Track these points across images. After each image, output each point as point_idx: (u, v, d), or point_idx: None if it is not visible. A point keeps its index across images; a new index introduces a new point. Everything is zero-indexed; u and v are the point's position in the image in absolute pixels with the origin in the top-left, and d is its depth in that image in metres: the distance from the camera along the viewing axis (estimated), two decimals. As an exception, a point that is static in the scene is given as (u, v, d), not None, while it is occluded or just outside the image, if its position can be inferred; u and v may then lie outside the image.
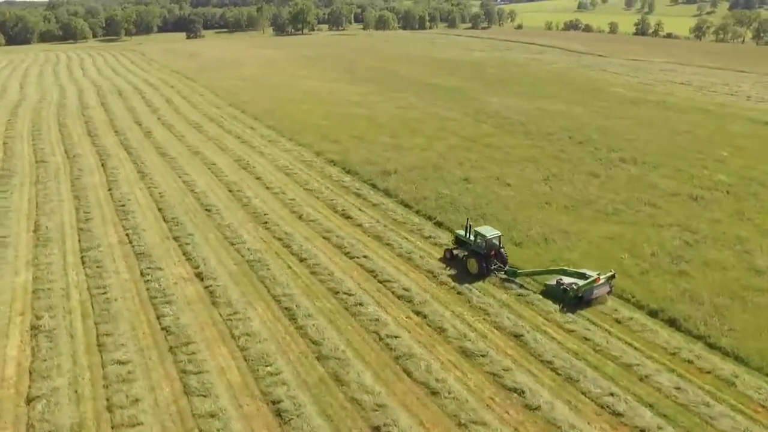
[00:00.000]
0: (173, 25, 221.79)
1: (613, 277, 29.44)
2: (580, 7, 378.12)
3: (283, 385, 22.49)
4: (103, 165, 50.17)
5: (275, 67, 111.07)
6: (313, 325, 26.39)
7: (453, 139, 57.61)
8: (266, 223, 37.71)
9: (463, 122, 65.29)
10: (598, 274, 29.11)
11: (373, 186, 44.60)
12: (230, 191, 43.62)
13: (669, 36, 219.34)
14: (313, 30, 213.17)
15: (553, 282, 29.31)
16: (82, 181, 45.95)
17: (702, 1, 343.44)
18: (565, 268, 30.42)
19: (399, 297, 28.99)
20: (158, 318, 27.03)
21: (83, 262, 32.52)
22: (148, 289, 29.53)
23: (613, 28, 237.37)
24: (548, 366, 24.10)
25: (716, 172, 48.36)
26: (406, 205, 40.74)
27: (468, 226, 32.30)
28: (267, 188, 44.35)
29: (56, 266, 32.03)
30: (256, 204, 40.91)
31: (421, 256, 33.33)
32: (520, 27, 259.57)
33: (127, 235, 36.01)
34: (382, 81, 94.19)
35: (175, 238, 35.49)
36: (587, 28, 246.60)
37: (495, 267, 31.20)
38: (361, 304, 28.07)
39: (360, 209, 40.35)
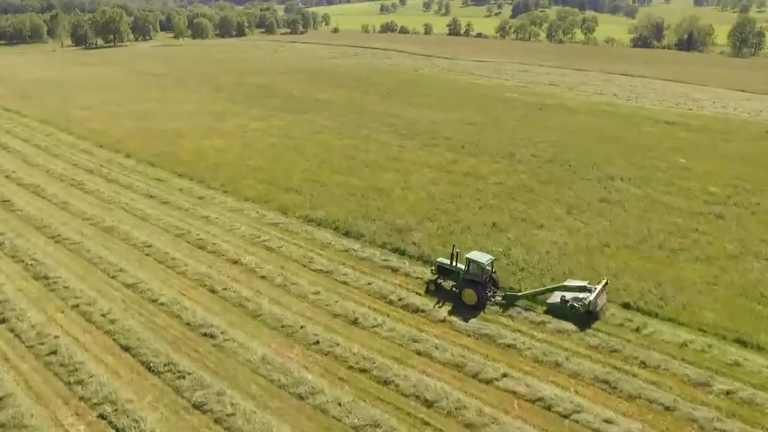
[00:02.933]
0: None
1: (606, 284, 28.72)
2: (383, 9, 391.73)
3: None
4: (-40, 275, 31.54)
5: (122, 89, 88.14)
6: None
7: (424, 171, 48.88)
8: (317, 343, 25.33)
9: (410, 146, 56.73)
10: (588, 283, 28.62)
11: (401, 253, 33.89)
12: (213, 292, 29.52)
13: (480, 35, 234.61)
14: (123, 41, 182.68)
15: (557, 300, 28.00)
16: (-61, 313, 27.73)
17: (489, 3, 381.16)
18: (565, 284, 29.09)
19: (615, 442, 20.13)
20: None
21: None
22: None
23: (428, 29, 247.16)
24: None
25: (702, 183, 47.28)
26: (468, 277, 31.34)
27: (454, 253, 29.28)
28: (263, 279, 31.04)
29: None
30: (272, 310, 27.81)
31: (567, 358, 24.64)
32: (336, 30, 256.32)
33: (104, 417, 21.02)
34: (265, 100, 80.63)
35: (198, 407, 21.55)
36: (403, 30, 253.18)
37: (491, 293, 28.90)
38: (590, 474, 18.66)
39: (417, 293, 29.82)
